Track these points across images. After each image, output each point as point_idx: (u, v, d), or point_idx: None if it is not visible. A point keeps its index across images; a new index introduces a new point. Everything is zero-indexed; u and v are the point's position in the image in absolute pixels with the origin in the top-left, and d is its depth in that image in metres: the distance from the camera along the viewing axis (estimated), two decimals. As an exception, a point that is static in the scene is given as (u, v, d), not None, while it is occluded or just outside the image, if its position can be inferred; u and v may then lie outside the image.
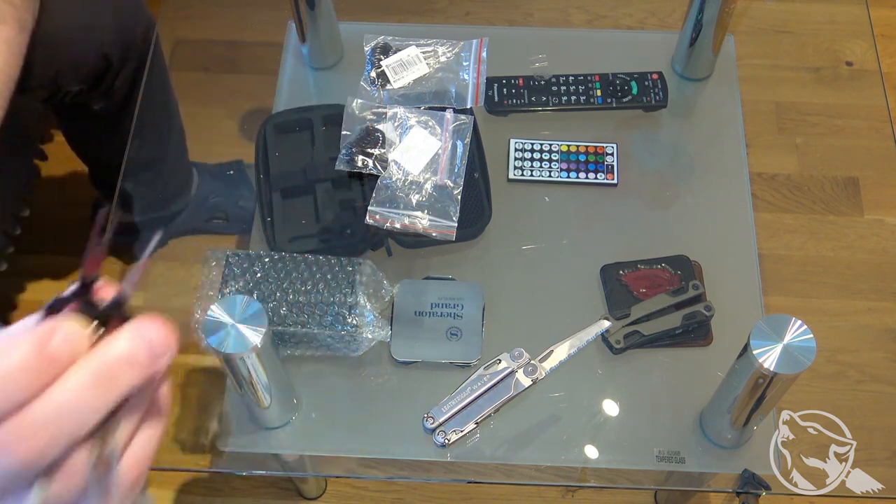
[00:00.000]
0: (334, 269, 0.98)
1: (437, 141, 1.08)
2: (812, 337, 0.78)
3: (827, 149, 1.47)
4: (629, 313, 1.00)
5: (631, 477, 1.00)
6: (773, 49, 1.44)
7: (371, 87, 1.14)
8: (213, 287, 0.98)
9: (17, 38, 0.93)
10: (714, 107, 1.22)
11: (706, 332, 1.01)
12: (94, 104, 1.25)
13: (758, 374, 0.79)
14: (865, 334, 1.28)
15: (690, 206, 1.13)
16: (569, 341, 0.91)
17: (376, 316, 0.98)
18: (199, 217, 1.47)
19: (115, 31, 1.20)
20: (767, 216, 1.41)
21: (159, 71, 1.30)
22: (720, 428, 0.94)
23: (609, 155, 1.14)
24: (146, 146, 1.31)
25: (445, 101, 1.13)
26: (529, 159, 1.13)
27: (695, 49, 1.17)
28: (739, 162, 1.16)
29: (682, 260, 1.05)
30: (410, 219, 1.02)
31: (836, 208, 1.43)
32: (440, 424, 0.94)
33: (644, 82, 1.17)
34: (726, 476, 0.97)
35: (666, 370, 1.00)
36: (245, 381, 0.84)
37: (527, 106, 1.16)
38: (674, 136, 1.20)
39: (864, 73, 1.45)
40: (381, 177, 1.05)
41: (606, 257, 1.06)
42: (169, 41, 1.32)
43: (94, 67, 1.19)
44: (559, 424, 0.97)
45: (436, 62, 1.16)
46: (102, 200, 1.56)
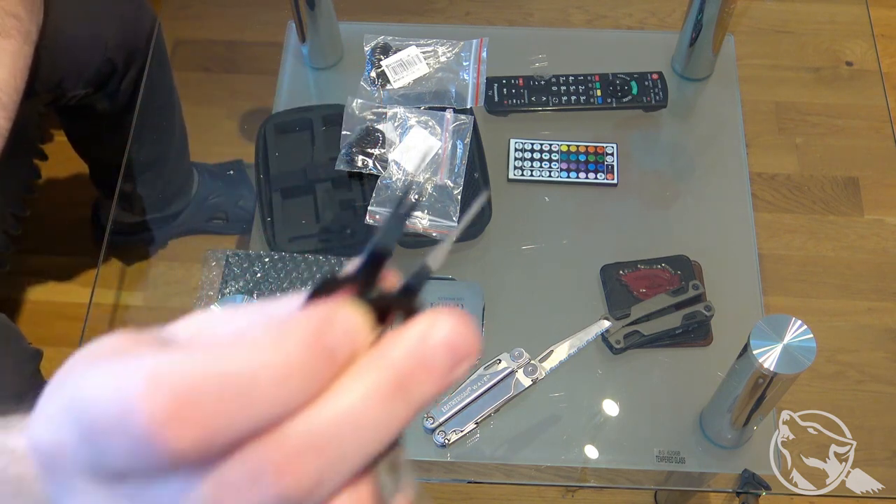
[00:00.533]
0: (334, 269, 0.98)
1: (437, 141, 1.08)
2: (812, 337, 0.78)
3: (827, 149, 1.47)
4: (629, 313, 1.00)
5: (631, 477, 1.00)
6: (773, 49, 1.44)
7: (371, 87, 1.14)
8: (213, 287, 0.98)
9: (23, 49, 0.93)
10: (714, 107, 1.22)
11: (706, 332, 1.01)
12: (98, 105, 1.25)
13: (758, 374, 0.79)
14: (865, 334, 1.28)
15: (690, 206, 1.13)
16: (569, 341, 0.91)
17: (376, 316, 0.97)
18: (199, 217, 1.47)
19: (119, 35, 1.20)
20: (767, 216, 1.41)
21: (163, 72, 1.31)
22: (720, 428, 0.94)
23: (609, 155, 1.14)
24: (149, 147, 1.32)
25: (445, 101, 1.13)
26: (529, 159, 1.13)
27: (695, 49, 1.17)
28: (739, 162, 1.16)
29: (682, 260, 1.05)
30: (410, 219, 1.02)
31: (836, 208, 1.43)
32: (440, 424, 0.94)
33: (644, 82, 1.17)
34: (726, 476, 0.97)
35: (666, 370, 1.00)
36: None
37: (527, 106, 1.16)
38: (674, 136, 1.20)
39: (864, 73, 1.45)
40: (381, 177, 1.05)
41: (606, 257, 1.06)
42: (169, 41, 1.32)
43: (98, 71, 1.19)
44: (559, 424, 0.97)
45: (436, 62, 1.16)
46: (103, 200, 1.56)
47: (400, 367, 0.26)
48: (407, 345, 0.27)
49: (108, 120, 1.28)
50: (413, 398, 0.26)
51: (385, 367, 0.26)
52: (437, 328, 0.27)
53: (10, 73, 0.91)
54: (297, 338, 0.25)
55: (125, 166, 1.18)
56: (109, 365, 0.26)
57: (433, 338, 0.27)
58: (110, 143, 1.32)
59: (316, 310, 0.26)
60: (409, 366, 0.26)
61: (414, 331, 0.27)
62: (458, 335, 0.27)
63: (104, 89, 1.22)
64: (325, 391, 0.26)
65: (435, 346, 0.27)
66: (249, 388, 0.25)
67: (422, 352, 0.27)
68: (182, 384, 0.24)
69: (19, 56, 0.93)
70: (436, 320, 0.27)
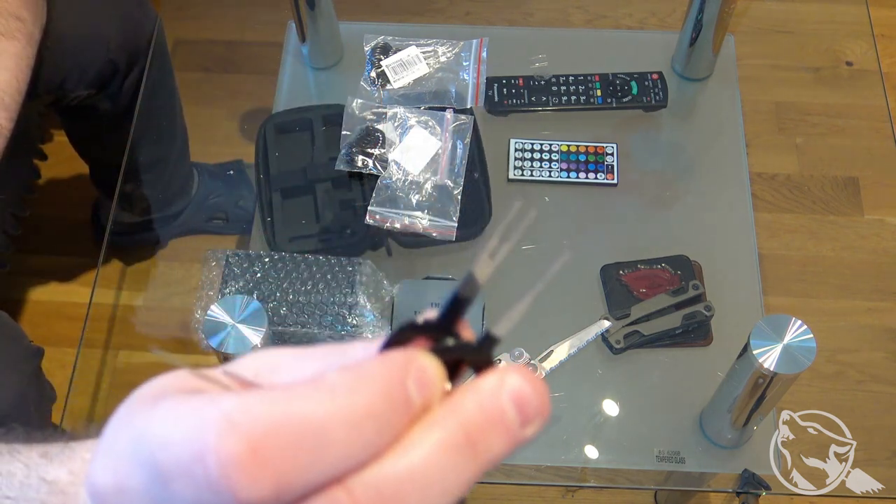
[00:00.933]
0: (334, 269, 0.98)
1: (437, 141, 1.08)
2: (812, 337, 0.78)
3: (827, 149, 1.47)
4: (629, 313, 1.00)
5: (631, 477, 1.00)
6: (773, 49, 1.44)
7: (371, 87, 1.14)
8: (212, 287, 0.98)
9: (26, 52, 0.94)
10: (714, 107, 1.22)
11: (706, 332, 1.01)
12: (99, 106, 1.25)
13: (758, 374, 0.79)
14: (865, 334, 1.28)
15: (690, 206, 1.13)
16: (569, 341, 0.91)
17: (376, 316, 0.98)
18: (199, 217, 1.47)
19: (121, 36, 1.20)
20: (767, 216, 1.41)
21: (165, 74, 1.31)
22: (720, 428, 0.94)
23: (609, 155, 1.14)
24: (150, 148, 1.32)
25: (445, 101, 1.13)
26: (529, 159, 1.13)
27: (695, 49, 1.17)
28: (739, 162, 1.16)
29: (682, 260, 1.05)
30: (410, 219, 1.02)
31: (836, 208, 1.43)
32: (440, 424, 0.94)
33: (644, 82, 1.17)
34: (726, 476, 0.97)
35: (666, 370, 1.00)
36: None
37: (527, 106, 1.16)
38: (674, 136, 1.20)
39: (864, 73, 1.45)
40: (381, 177, 1.05)
41: (606, 257, 1.06)
42: (169, 41, 1.32)
43: (100, 73, 1.19)
44: (559, 424, 0.97)
45: (436, 62, 1.16)
46: (103, 200, 1.56)
47: (470, 422, 0.26)
48: (478, 400, 0.26)
49: (110, 121, 1.28)
50: (482, 455, 0.26)
51: (456, 423, 0.26)
52: (507, 384, 0.27)
53: (13, 75, 0.91)
54: (375, 386, 0.25)
55: (125, 167, 1.18)
56: (179, 405, 0.25)
57: (504, 394, 0.26)
58: (111, 143, 1.31)
59: (394, 358, 0.26)
60: (480, 422, 0.26)
61: (485, 386, 0.26)
62: (528, 393, 0.27)
63: (106, 90, 1.23)
64: (396, 442, 0.25)
65: (505, 402, 0.26)
66: (325, 436, 0.24)
67: (492, 408, 0.26)
68: (257, 430, 0.23)
69: (22, 58, 0.93)
70: (506, 376, 0.27)
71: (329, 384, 0.25)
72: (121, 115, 1.27)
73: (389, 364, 0.26)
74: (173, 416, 0.25)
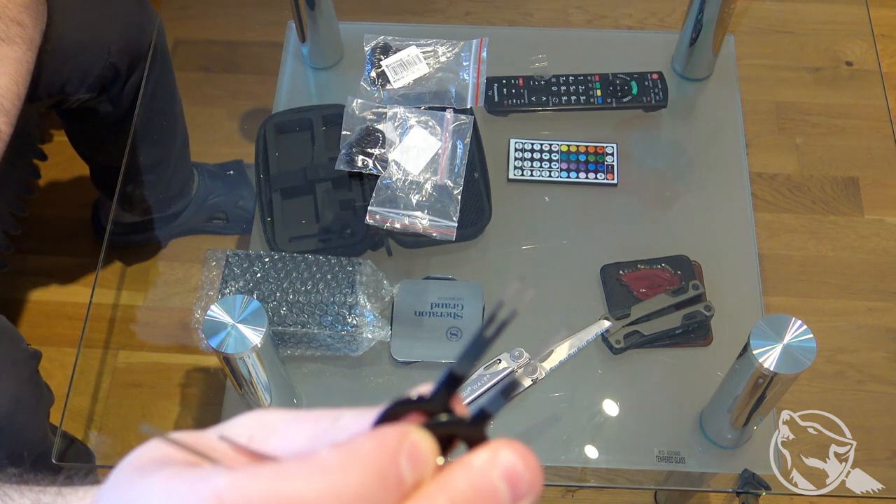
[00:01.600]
0: (334, 269, 0.98)
1: (437, 141, 1.08)
2: (812, 337, 0.78)
3: (827, 149, 1.47)
4: (629, 313, 1.00)
5: (631, 477, 1.00)
6: (773, 49, 1.44)
7: (371, 87, 1.14)
8: (213, 287, 0.98)
9: (26, 56, 0.94)
10: (714, 107, 1.22)
11: (706, 332, 1.01)
12: (100, 108, 1.25)
13: (758, 374, 0.79)
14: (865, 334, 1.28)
15: (690, 206, 1.13)
16: (569, 341, 0.91)
17: (376, 316, 0.98)
18: (199, 217, 1.47)
19: (122, 40, 1.20)
20: (767, 216, 1.41)
21: (166, 76, 1.30)
22: (720, 428, 0.94)
23: (609, 155, 1.14)
24: (150, 150, 1.32)
25: (445, 101, 1.13)
26: (529, 159, 1.13)
27: (695, 49, 1.17)
28: (739, 162, 1.16)
29: (682, 260, 1.05)
30: (410, 219, 1.02)
31: (836, 208, 1.43)
32: (440, 424, 0.94)
33: (644, 82, 1.17)
34: (726, 476, 0.97)
35: (666, 370, 1.00)
36: (245, 381, 0.84)
37: (527, 106, 1.16)
38: (674, 136, 1.20)
39: (864, 73, 1.45)
40: (381, 177, 1.05)
41: (606, 257, 1.06)
42: (169, 41, 1.32)
43: (101, 76, 1.19)
44: (559, 424, 0.97)
45: (436, 62, 1.16)
46: (103, 200, 1.56)
47: (461, 500, 0.26)
48: (470, 477, 0.26)
49: (110, 123, 1.28)
50: None
51: (447, 501, 0.26)
52: (499, 460, 0.27)
53: (13, 80, 0.91)
54: (367, 464, 0.25)
55: (126, 168, 1.18)
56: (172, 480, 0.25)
57: (495, 470, 0.27)
58: (112, 145, 1.32)
59: (386, 434, 0.26)
60: (471, 499, 0.26)
61: (477, 462, 0.27)
62: (521, 469, 0.27)
63: (107, 94, 1.22)
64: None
65: (497, 479, 0.26)
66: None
67: (484, 485, 0.26)
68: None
69: (22, 63, 0.93)
70: (498, 452, 0.27)
71: (320, 462, 0.25)
72: (121, 117, 1.27)
73: (382, 441, 0.26)
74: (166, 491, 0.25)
